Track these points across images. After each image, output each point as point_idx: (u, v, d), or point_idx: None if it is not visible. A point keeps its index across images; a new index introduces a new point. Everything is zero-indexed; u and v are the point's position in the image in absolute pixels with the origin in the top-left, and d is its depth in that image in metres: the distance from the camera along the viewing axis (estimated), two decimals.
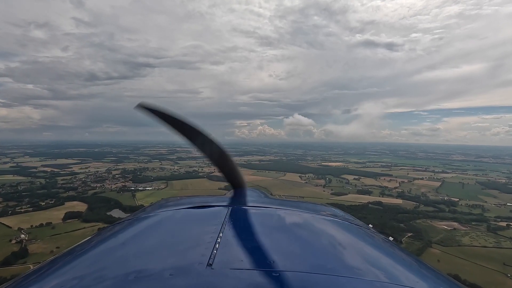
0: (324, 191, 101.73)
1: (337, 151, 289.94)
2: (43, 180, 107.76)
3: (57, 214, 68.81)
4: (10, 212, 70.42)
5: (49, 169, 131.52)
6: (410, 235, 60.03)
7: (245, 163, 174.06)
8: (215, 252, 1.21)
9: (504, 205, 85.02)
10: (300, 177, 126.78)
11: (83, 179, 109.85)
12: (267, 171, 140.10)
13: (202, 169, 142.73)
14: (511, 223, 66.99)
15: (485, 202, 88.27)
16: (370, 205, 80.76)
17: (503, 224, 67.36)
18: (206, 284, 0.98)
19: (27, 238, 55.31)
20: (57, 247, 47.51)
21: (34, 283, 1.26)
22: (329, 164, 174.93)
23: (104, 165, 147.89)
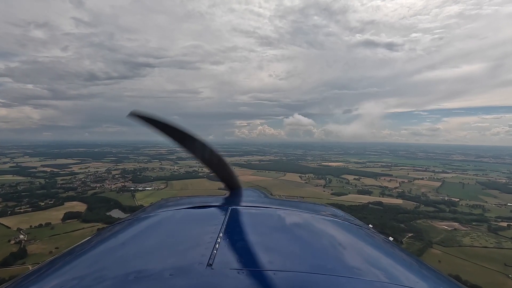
0: (324, 191, 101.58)
1: (337, 151, 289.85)
2: (43, 180, 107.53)
3: (56, 214, 68.65)
4: (9, 212, 70.28)
5: (49, 169, 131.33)
6: (410, 235, 59.89)
7: (245, 163, 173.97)
8: (215, 252, 1.21)
9: (504, 205, 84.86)
10: (300, 177, 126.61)
11: (83, 179, 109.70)
12: (267, 171, 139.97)
13: (202, 169, 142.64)
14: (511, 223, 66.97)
15: (486, 202, 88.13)
16: (370, 205, 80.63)
17: (503, 224, 67.25)
18: (206, 284, 0.99)
19: (26, 238, 55.14)
20: (56, 248, 47.34)
21: (33, 284, 1.25)
22: (329, 164, 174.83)
23: (103, 165, 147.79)
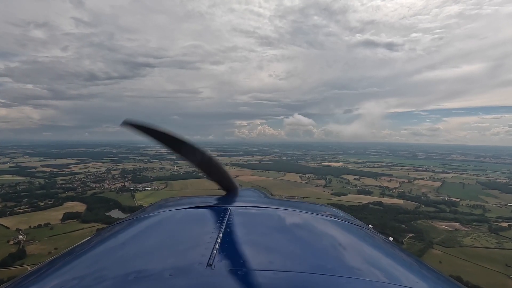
0: (324, 191, 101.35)
1: (337, 151, 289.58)
2: (42, 180, 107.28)
3: (55, 214, 68.39)
4: (8, 212, 70.00)
5: (49, 169, 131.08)
6: (411, 235, 59.67)
7: (245, 163, 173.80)
8: (215, 252, 1.20)
9: (505, 205, 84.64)
10: (300, 177, 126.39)
11: (83, 179, 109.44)
12: (267, 171, 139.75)
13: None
14: None
15: (486, 202, 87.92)
16: (370, 206, 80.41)
17: (504, 224, 67.06)
18: (206, 284, 0.99)
19: (25, 239, 54.89)
20: (55, 248, 47.08)
21: (32, 284, 1.25)
22: (329, 164, 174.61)
23: (103, 165, 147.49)
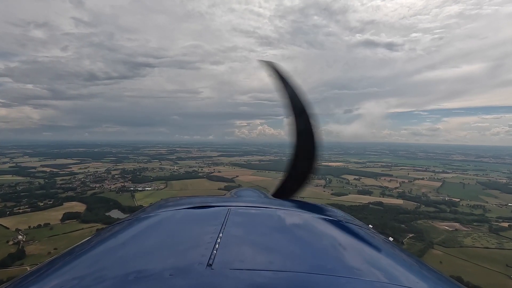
0: (324, 191, 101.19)
1: (337, 151, 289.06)
2: (42, 180, 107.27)
3: (55, 214, 68.35)
4: (8, 212, 69.98)
5: (48, 169, 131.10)
6: (411, 236, 59.65)
7: (245, 163, 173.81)
8: (215, 252, 1.21)
9: (505, 205, 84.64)
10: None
11: (82, 179, 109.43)
12: (267, 171, 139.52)
13: (201, 169, 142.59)
14: None
15: (486, 202, 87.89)
16: (370, 206, 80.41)
17: (505, 224, 67.05)
18: (206, 284, 0.99)
19: (24, 239, 54.86)
20: (55, 249, 47.02)
21: (32, 284, 1.24)
22: (329, 164, 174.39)
23: (103, 165, 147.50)
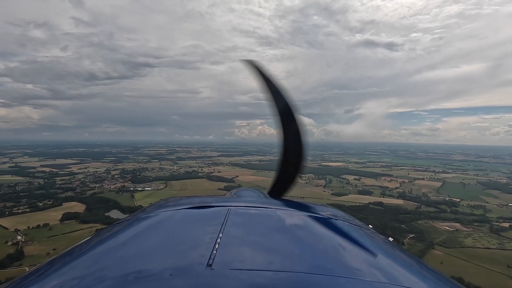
0: (324, 191, 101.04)
1: (337, 151, 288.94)
2: (42, 180, 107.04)
3: (54, 215, 68.11)
4: (7, 213, 69.73)
5: (48, 169, 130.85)
6: (412, 236, 59.39)
7: (245, 163, 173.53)
8: (215, 252, 1.21)
9: (506, 205, 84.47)
10: (300, 177, 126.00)
11: (82, 180, 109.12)
12: (267, 171, 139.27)
13: (201, 169, 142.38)
14: None
15: (487, 202, 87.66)
16: (371, 206, 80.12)
17: (505, 225, 66.81)
18: (206, 284, 0.98)
19: (23, 239, 54.63)
20: (54, 249, 46.75)
21: (31, 285, 1.24)
22: (329, 164, 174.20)
23: (103, 165, 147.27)
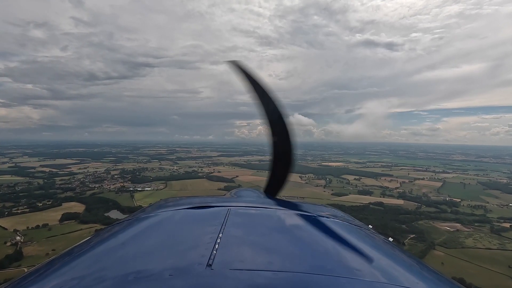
0: (324, 191, 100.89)
1: (337, 151, 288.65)
2: (41, 180, 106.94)
3: (54, 215, 67.93)
4: (6, 213, 69.58)
5: (48, 169, 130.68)
6: (412, 236, 59.16)
7: (245, 163, 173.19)
8: (215, 252, 1.21)
9: (506, 205, 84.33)
10: (300, 177, 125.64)
11: (82, 180, 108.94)
12: (267, 171, 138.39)
13: (201, 169, 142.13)
14: None
15: (487, 202, 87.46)
16: (371, 206, 79.96)
17: (506, 225, 66.60)
18: (206, 284, 0.98)
19: (22, 240, 54.42)
20: (53, 250, 46.56)
21: (30, 285, 1.24)
22: (329, 164, 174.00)
23: (103, 165, 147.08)
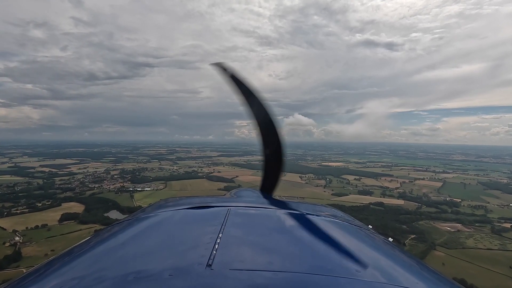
0: (324, 191, 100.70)
1: (337, 151, 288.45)
2: (41, 180, 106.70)
3: (53, 215, 67.68)
4: (5, 213, 69.30)
5: (47, 169, 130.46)
6: (413, 237, 58.89)
7: (245, 163, 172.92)
8: (215, 252, 1.21)
9: (507, 205, 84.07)
10: (300, 177, 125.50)
11: (81, 180, 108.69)
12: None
13: (201, 170, 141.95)
14: None
15: (488, 203, 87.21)
16: (371, 206, 79.73)
17: (507, 225, 66.29)
18: (205, 284, 0.98)
19: (21, 240, 54.17)
20: (52, 250, 46.32)
21: (29, 285, 1.24)
22: (329, 164, 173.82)
23: (102, 165, 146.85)
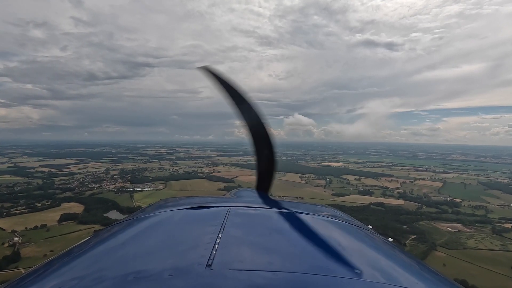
0: (324, 191, 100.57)
1: (337, 151, 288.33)
2: (40, 180, 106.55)
3: (52, 215, 67.52)
4: (4, 213, 69.11)
5: (47, 170, 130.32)
6: (413, 237, 58.71)
7: (245, 163, 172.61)
8: (214, 253, 1.21)
9: (507, 206, 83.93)
10: (300, 177, 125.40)
11: (81, 180, 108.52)
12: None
13: (201, 170, 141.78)
14: None
15: (488, 203, 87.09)
16: (371, 206, 79.61)
17: (508, 226, 66.16)
18: (205, 284, 0.99)
19: (20, 241, 53.97)
20: (51, 251, 46.15)
21: (29, 286, 1.24)
22: (329, 164, 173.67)
23: (102, 165, 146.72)
